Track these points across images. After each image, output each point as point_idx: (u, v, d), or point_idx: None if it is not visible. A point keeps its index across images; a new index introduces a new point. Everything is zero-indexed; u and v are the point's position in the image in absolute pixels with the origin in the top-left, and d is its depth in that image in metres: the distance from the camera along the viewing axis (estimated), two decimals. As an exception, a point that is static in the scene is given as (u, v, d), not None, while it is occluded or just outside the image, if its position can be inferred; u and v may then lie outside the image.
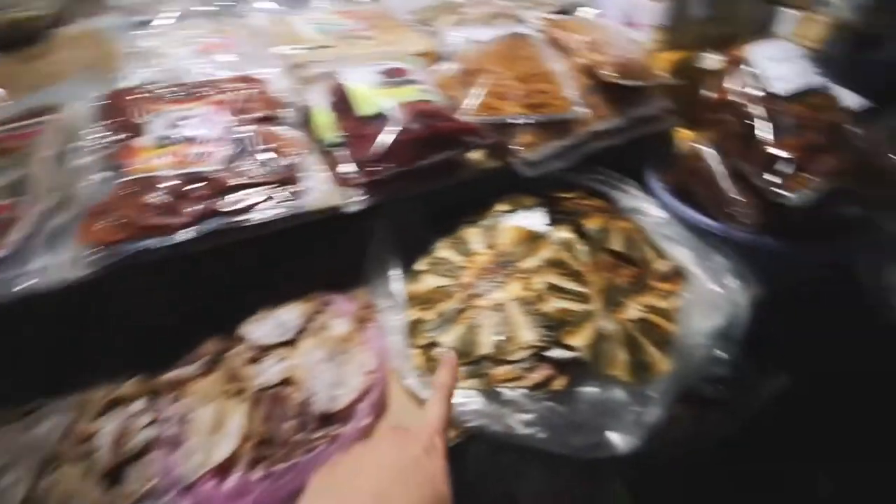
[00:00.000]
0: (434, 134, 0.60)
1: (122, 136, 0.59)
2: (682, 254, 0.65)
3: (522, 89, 0.67)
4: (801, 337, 0.71)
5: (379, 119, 0.60)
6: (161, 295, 0.59)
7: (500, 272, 0.59)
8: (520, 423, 0.49)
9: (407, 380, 0.54)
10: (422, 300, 0.59)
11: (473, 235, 0.64)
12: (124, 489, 0.45)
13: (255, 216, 0.54)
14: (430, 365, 0.55)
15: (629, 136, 0.73)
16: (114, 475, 0.46)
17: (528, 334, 0.52)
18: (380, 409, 0.53)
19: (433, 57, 0.79)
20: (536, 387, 0.50)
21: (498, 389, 0.51)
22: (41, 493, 0.43)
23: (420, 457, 0.36)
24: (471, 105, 0.66)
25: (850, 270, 0.66)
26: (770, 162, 0.60)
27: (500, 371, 0.51)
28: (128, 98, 0.64)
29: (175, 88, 0.66)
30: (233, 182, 0.55)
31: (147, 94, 0.64)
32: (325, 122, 0.65)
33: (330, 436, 0.48)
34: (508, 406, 0.50)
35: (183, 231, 0.51)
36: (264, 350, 0.55)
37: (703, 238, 0.65)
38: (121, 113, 0.62)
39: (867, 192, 0.61)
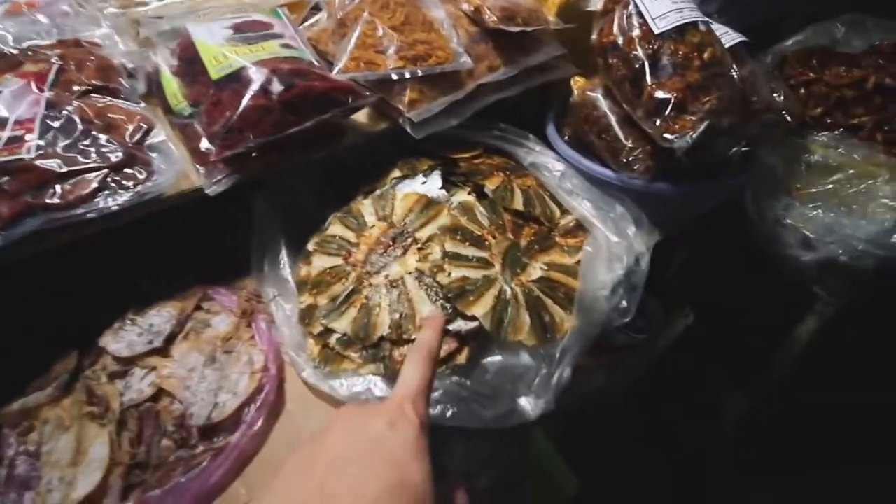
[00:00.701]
0: (300, 95, 0.53)
1: None
2: (583, 206, 0.64)
3: (401, 40, 0.61)
4: (699, 276, 0.75)
5: (235, 81, 0.52)
6: None
7: (396, 245, 0.55)
8: (426, 401, 0.47)
9: (304, 372, 0.50)
10: (313, 284, 0.54)
11: (366, 207, 0.59)
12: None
13: (93, 207, 0.45)
14: (327, 354, 0.50)
15: (522, 86, 0.70)
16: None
17: (427, 309, 0.49)
18: (273, 410, 0.48)
19: (303, 7, 0.70)
20: (440, 363, 0.48)
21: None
22: None
23: (381, 433, 0.29)
24: (345, 61, 0.59)
25: (738, 206, 0.70)
26: (656, 105, 0.59)
27: (401, 352, 0.48)
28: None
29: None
30: (60, 169, 0.46)
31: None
32: (176, 89, 0.55)
33: (215, 448, 0.43)
34: (412, 386, 0.47)
35: (-2, 234, 0.42)
36: (129, 362, 0.48)
37: (603, 188, 0.65)
38: None
39: (746, 130, 0.63)
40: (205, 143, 0.52)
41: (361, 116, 0.62)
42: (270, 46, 0.57)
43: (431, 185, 0.61)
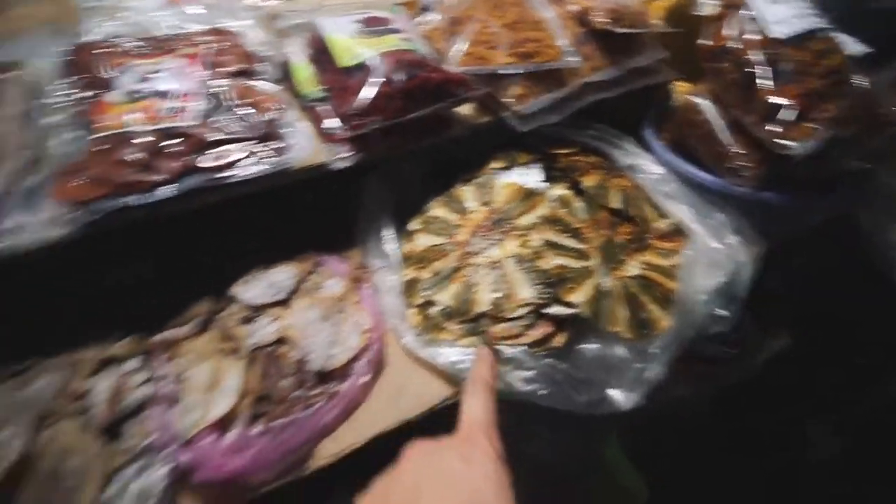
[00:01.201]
0: (419, 85, 0.57)
1: (90, 92, 0.56)
2: (681, 211, 0.64)
3: (511, 38, 0.64)
4: (803, 292, 0.71)
5: (361, 70, 0.57)
6: (149, 257, 0.57)
7: (496, 230, 0.57)
8: (520, 380, 0.49)
9: (405, 339, 0.54)
10: (416, 259, 0.58)
11: (467, 193, 0.62)
12: (122, 444, 0.45)
13: (239, 173, 0.52)
14: (427, 323, 0.54)
15: (625, 88, 0.71)
16: (111, 431, 0.45)
17: (527, 291, 0.51)
18: (377, 367, 0.52)
19: (415, 7, 0.76)
20: (536, 344, 0.50)
21: (497, 347, 0.50)
22: (40, 447, 0.43)
23: (456, 465, 0.29)
24: (457, 55, 0.63)
25: (851, 223, 0.66)
26: (771, 111, 0.58)
27: (499, 328, 0.51)
28: (93, 53, 0.60)
29: (142, 42, 0.62)
30: (211, 138, 0.52)
31: (113, 49, 0.61)
32: (306, 75, 0.61)
33: (328, 393, 0.48)
34: (508, 364, 0.50)
35: (163, 188, 0.49)
36: (257, 310, 0.54)
37: (704, 194, 0.64)
38: (86, 69, 0.59)
39: (868, 142, 0.60)
40: (330, 124, 0.57)
41: (466, 109, 0.66)
42: (392, 40, 0.62)
43: (531, 176, 0.63)
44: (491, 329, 0.51)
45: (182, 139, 0.51)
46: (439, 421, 0.52)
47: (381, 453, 0.50)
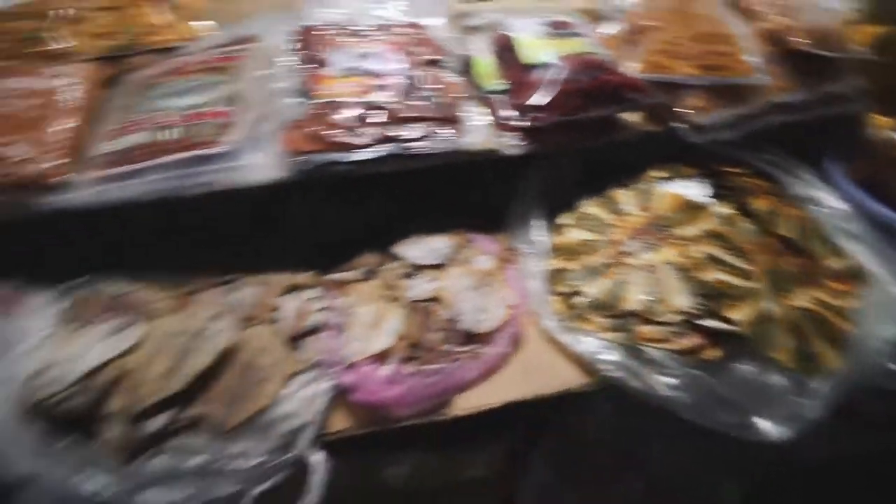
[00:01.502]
0: (598, 86, 0.59)
1: (311, 65, 0.67)
2: (862, 252, 0.58)
3: (697, 49, 0.63)
4: None
5: (543, 68, 0.61)
6: (337, 209, 0.67)
7: (654, 235, 0.57)
8: (662, 384, 0.49)
9: (545, 322, 0.56)
10: (566, 251, 0.60)
11: (625, 197, 0.63)
12: (300, 355, 0.53)
13: (425, 145, 0.58)
14: (571, 312, 0.55)
15: (813, 114, 0.66)
16: (293, 342, 0.53)
17: (682, 299, 0.51)
18: (517, 341, 0.55)
19: (595, 16, 0.78)
20: (684, 352, 0.49)
21: (641, 347, 0.50)
22: (241, 341, 0.52)
23: None
24: (638, 61, 0.64)
25: None
26: None
27: (647, 330, 0.51)
28: (314, 34, 0.72)
29: (354, 29, 0.73)
30: (405, 114, 0.60)
31: (331, 32, 0.72)
32: (487, 69, 0.67)
33: (472, 353, 0.52)
34: (650, 365, 0.50)
35: (364, 150, 0.57)
36: (417, 269, 0.60)
37: (892, 237, 0.58)
38: (309, 46, 0.70)
39: None
40: (505, 113, 0.62)
41: (634, 116, 0.67)
42: (575, 43, 0.65)
43: (694, 190, 0.62)
44: (638, 328, 0.51)
45: (383, 112, 0.59)
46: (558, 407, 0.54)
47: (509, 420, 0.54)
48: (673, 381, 0.48)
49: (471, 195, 0.69)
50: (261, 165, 0.58)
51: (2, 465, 0.46)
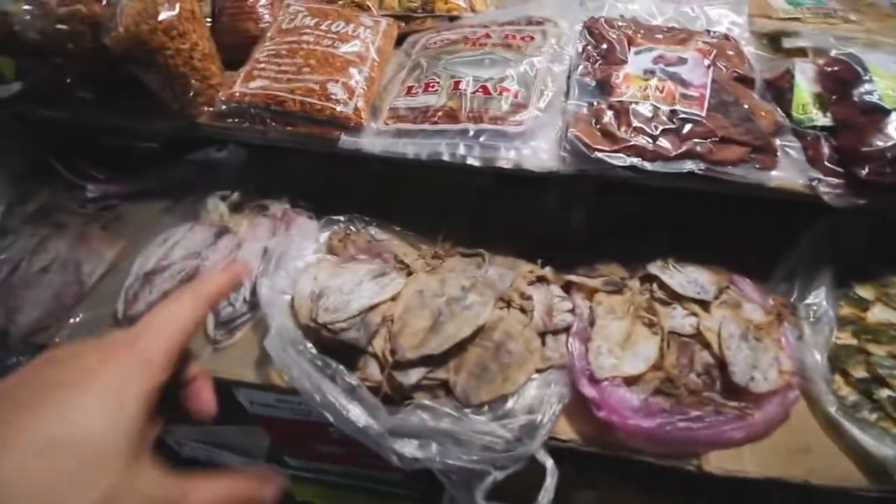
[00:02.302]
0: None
1: (609, 59, 0.64)
2: None
3: None
4: None
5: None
6: (592, 209, 0.65)
7: None
8: None
9: (826, 403, 0.49)
10: (863, 329, 0.51)
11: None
12: (544, 352, 0.52)
13: (732, 172, 0.52)
14: (864, 401, 0.48)
15: None
16: (541, 337, 0.53)
17: None
18: (787, 412, 0.49)
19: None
20: None
21: None
22: (495, 320, 0.53)
23: (89, 366, 0.23)
24: None
25: None
26: None
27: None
28: (608, 27, 0.68)
29: (654, 26, 0.68)
30: (718, 133, 0.54)
31: (630, 27, 0.67)
32: (808, 99, 0.58)
33: (740, 410, 0.47)
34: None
35: (662, 161, 0.53)
36: (674, 297, 0.55)
37: None
38: (602, 38, 0.67)
39: None
40: (831, 155, 0.54)
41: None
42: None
43: None
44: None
45: (690, 125, 0.55)
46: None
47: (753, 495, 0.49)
48: None
49: (741, 230, 0.62)
50: (543, 151, 0.57)
51: (279, 369, 0.52)
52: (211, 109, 0.64)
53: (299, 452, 0.80)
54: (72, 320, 0.60)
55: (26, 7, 0.56)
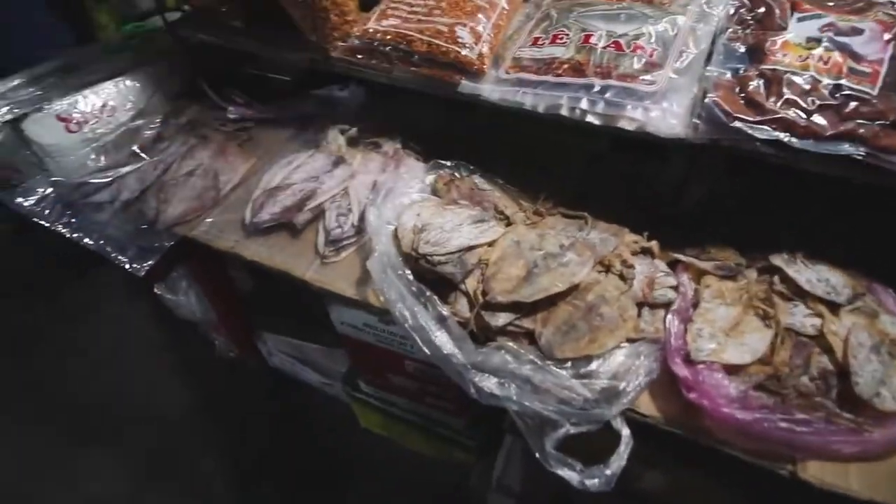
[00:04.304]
0: None
1: (766, 23, 0.57)
2: None
3: None
4: None
5: None
6: (728, 187, 0.60)
7: None
8: None
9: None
10: None
11: None
12: (638, 323, 0.50)
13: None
14: None
15: None
16: (638, 307, 0.51)
17: None
18: (915, 440, 0.43)
19: None
20: None
21: None
22: (591, 282, 0.52)
23: None
24: None
25: None
26: None
27: None
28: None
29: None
30: (887, 114, 0.47)
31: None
32: None
33: (857, 424, 0.42)
34: None
35: (815, 139, 0.47)
36: (798, 294, 0.50)
37: None
38: (760, 2, 0.60)
39: None
40: None
41: None
42: None
43: None
44: None
45: (855, 103, 0.48)
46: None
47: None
48: None
49: (891, 234, 0.55)
50: (672, 115, 0.53)
51: (377, 288, 0.55)
52: (344, 44, 0.68)
53: (374, 380, 0.86)
54: (208, 220, 0.69)
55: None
